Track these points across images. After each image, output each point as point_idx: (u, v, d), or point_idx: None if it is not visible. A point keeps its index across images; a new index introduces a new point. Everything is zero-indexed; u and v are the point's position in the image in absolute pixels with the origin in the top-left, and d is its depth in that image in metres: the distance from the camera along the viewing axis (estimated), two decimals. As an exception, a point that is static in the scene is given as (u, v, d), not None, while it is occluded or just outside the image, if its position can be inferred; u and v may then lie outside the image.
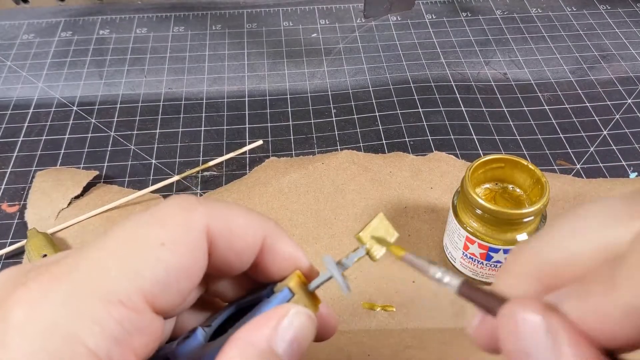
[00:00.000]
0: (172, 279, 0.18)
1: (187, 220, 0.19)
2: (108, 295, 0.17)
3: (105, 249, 0.18)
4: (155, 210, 0.19)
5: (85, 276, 0.17)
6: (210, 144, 0.50)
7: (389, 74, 0.57)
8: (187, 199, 0.20)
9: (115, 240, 0.18)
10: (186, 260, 0.18)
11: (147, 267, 0.18)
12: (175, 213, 0.19)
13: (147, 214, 0.19)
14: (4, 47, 0.61)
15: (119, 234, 0.18)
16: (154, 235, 0.18)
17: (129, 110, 0.53)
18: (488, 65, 0.58)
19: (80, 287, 0.17)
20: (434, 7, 0.67)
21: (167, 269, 0.18)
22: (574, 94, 0.54)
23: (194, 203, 0.19)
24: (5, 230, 0.43)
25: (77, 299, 0.17)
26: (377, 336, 0.35)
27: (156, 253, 0.18)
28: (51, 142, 0.50)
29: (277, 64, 0.59)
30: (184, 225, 0.19)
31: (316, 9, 0.67)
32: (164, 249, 0.18)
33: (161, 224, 0.18)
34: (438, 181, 0.45)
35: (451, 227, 0.37)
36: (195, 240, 0.19)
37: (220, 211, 0.20)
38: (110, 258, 0.18)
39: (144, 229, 0.18)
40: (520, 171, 0.37)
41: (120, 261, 0.17)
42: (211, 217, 0.19)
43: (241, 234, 0.20)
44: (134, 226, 0.18)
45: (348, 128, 0.51)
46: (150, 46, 0.61)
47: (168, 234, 0.18)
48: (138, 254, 0.18)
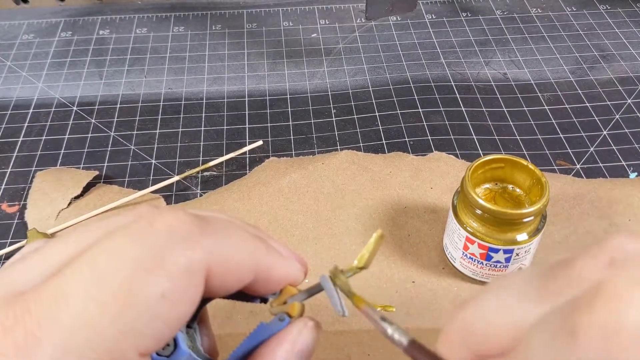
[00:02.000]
0: (169, 330, 0.17)
1: (190, 262, 0.17)
2: (103, 358, 0.15)
3: (96, 299, 0.15)
4: (152, 244, 0.17)
5: (75, 338, 0.15)
6: (210, 144, 0.50)
7: (389, 74, 0.57)
8: (184, 224, 0.18)
9: (109, 288, 0.16)
10: (185, 309, 0.17)
11: (145, 323, 0.16)
12: (176, 252, 0.17)
13: (145, 250, 0.16)
14: (4, 47, 0.61)
15: (111, 279, 0.16)
16: (153, 284, 0.16)
17: (129, 110, 0.53)
18: (488, 66, 0.58)
19: (69, 349, 0.15)
20: (434, 7, 0.67)
21: (165, 322, 0.16)
22: (574, 94, 0.54)
23: (196, 235, 0.17)
24: (5, 231, 0.43)
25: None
26: (377, 336, 0.35)
27: (156, 307, 0.16)
28: (51, 142, 0.50)
29: (277, 64, 0.59)
30: (186, 271, 0.17)
31: (316, 9, 0.67)
32: (164, 302, 0.16)
33: (161, 270, 0.16)
34: (438, 181, 0.45)
35: (451, 227, 0.37)
36: (196, 286, 0.17)
37: (219, 246, 0.18)
38: (104, 312, 0.15)
39: (146, 276, 0.16)
40: (520, 171, 0.37)
41: (116, 316, 0.15)
42: (211, 254, 0.18)
43: (236, 269, 0.19)
44: (132, 271, 0.16)
45: (348, 128, 0.51)
46: (150, 46, 0.61)
47: (169, 283, 0.16)
48: (136, 307, 0.16)
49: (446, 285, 0.38)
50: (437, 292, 0.38)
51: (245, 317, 0.36)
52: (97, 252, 0.16)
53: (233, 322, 0.36)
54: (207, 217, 0.19)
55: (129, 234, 0.17)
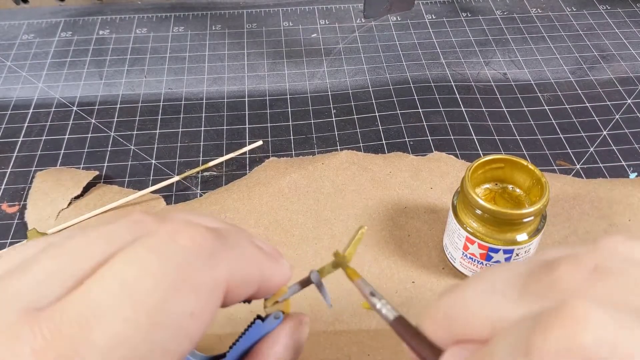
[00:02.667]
0: (191, 346, 0.17)
1: (216, 281, 0.17)
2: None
3: (128, 318, 0.15)
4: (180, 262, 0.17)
5: (109, 356, 0.15)
6: (210, 144, 0.50)
7: (389, 74, 0.57)
8: (206, 240, 0.18)
9: (142, 307, 0.16)
10: (207, 325, 0.17)
11: (175, 342, 0.16)
12: (204, 271, 0.17)
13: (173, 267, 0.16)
14: (4, 47, 0.61)
15: (145, 298, 0.16)
16: (184, 304, 0.16)
17: (129, 110, 0.53)
18: (488, 66, 0.58)
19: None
20: (433, 8, 0.67)
21: (191, 338, 0.17)
22: (574, 94, 0.54)
23: (219, 252, 0.18)
24: (5, 231, 0.43)
25: None
26: (377, 336, 0.35)
27: (185, 326, 0.16)
28: (51, 142, 0.50)
29: (277, 64, 0.59)
30: (211, 290, 0.17)
31: (316, 9, 0.67)
32: (192, 321, 0.16)
33: (191, 289, 0.17)
34: (438, 181, 0.45)
35: (451, 227, 0.37)
36: (217, 303, 0.18)
37: (236, 262, 0.19)
38: (138, 332, 0.15)
39: (175, 296, 0.16)
40: (520, 171, 0.37)
41: (149, 335, 0.16)
42: (230, 271, 0.18)
43: (247, 282, 0.19)
44: (164, 290, 0.16)
45: (348, 128, 0.51)
46: (150, 46, 0.61)
47: (198, 302, 0.17)
48: (168, 327, 0.16)
49: (446, 286, 0.38)
50: (437, 292, 0.38)
51: (245, 317, 0.36)
52: (124, 267, 0.16)
53: (233, 322, 0.36)
54: (224, 231, 0.19)
55: (155, 249, 0.17)
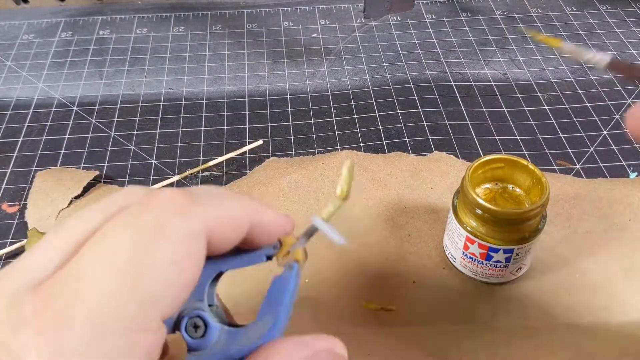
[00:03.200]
0: (182, 294, 0.18)
1: (188, 228, 0.18)
2: (130, 328, 0.17)
3: (112, 275, 0.17)
4: (151, 219, 0.18)
5: (99, 311, 0.16)
6: (210, 144, 0.50)
7: (389, 74, 0.57)
8: (176, 198, 0.19)
9: (121, 262, 0.17)
10: (193, 272, 0.19)
11: (160, 290, 0.17)
12: (174, 221, 0.18)
13: (148, 224, 0.18)
14: (4, 47, 0.61)
15: (122, 254, 0.17)
16: (160, 252, 0.18)
17: (129, 110, 0.53)
18: (488, 65, 0.58)
19: (97, 327, 0.16)
20: (434, 7, 0.67)
21: (178, 285, 0.18)
22: (574, 94, 0.54)
23: (188, 205, 0.19)
24: (5, 230, 0.43)
25: (97, 344, 0.16)
26: (378, 336, 0.35)
27: (166, 273, 0.17)
28: (51, 142, 0.50)
29: (277, 64, 0.59)
30: (187, 237, 0.18)
31: (316, 9, 0.67)
32: (173, 268, 0.18)
33: (164, 239, 0.18)
34: (438, 181, 0.45)
35: (451, 227, 0.37)
36: (199, 250, 0.19)
37: (212, 209, 0.20)
38: (122, 285, 0.17)
39: (151, 247, 0.17)
40: (520, 171, 0.37)
41: (133, 287, 0.17)
42: (207, 218, 0.19)
43: (232, 224, 0.20)
44: (140, 244, 0.17)
45: (348, 128, 0.51)
46: (150, 46, 0.61)
47: (174, 250, 0.18)
48: (148, 276, 0.17)
49: (446, 285, 0.38)
50: (437, 292, 0.38)
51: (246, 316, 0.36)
52: (105, 233, 0.18)
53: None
54: (195, 189, 0.21)
55: (129, 215, 0.18)
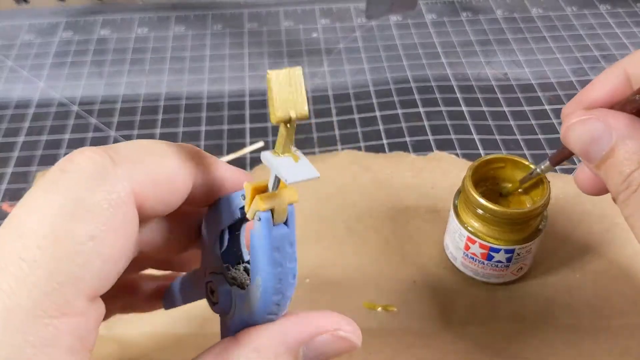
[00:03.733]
0: (110, 266, 0.17)
1: (110, 196, 0.16)
2: (49, 314, 0.15)
3: (23, 257, 0.15)
4: (67, 189, 0.16)
5: (15, 296, 0.15)
6: (210, 144, 0.50)
7: (390, 74, 0.57)
8: (94, 159, 0.17)
9: (33, 242, 0.15)
10: (121, 241, 0.17)
11: (82, 267, 0.16)
12: (93, 190, 0.16)
13: (61, 197, 0.16)
14: (5, 48, 0.61)
15: (34, 233, 0.16)
16: (78, 228, 0.16)
17: (129, 110, 0.53)
18: (489, 65, 0.58)
19: (10, 314, 0.15)
20: (434, 7, 0.67)
21: (104, 260, 0.16)
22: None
23: (109, 167, 0.17)
24: (6, 230, 0.43)
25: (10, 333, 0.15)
26: (379, 336, 0.35)
27: (87, 249, 0.16)
28: (52, 142, 0.50)
29: (277, 63, 0.59)
30: (109, 207, 0.16)
31: (317, 9, 0.67)
32: (96, 242, 0.16)
33: (83, 212, 0.16)
34: (439, 181, 0.45)
35: (452, 227, 0.37)
36: (126, 217, 0.17)
37: (139, 168, 0.18)
38: (36, 267, 0.15)
39: (68, 224, 0.16)
40: (522, 171, 0.36)
41: (48, 268, 0.15)
42: (132, 180, 0.17)
43: (168, 187, 0.18)
44: (53, 220, 0.16)
45: (349, 128, 0.51)
46: (151, 46, 0.61)
47: (95, 224, 0.16)
48: (66, 255, 0.16)
49: (447, 285, 0.38)
50: (437, 292, 0.38)
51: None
52: (16, 212, 0.16)
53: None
54: (118, 146, 0.18)
55: (44, 185, 0.17)
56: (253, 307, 0.19)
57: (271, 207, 0.18)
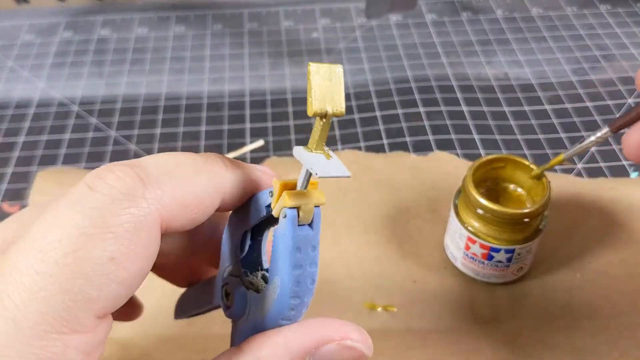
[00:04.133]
0: (125, 289, 0.16)
1: (136, 219, 0.16)
2: (59, 330, 0.15)
3: (41, 272, 0.15)
4: (93, 208, 0.16)
5: (25, 308, 0.15)
6: (210, 144, 0.50)
7: (390, 74, 0.57)
8: (124, 180, 0.17)
9: (52, 259, 0.15)
10: (139, 264, 0.17)
11: (97, 288, 0.16)
12: (120, 212, 0.16)
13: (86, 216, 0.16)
14: (6, 48, 0.61)
15: (54, 250, 0.15)
16: (99, 249, 0.16)
17: (129, 110, 0.53)
18: (489, 65, 0.58)
19: (20, 328, 0.15)
20: (434, 7, 0.67)
21: (119, 282, 0.16)
22: (575, 94, 0.54)
23: (138, 189, 0.17)
24: (6, 230, 0.43)
25: (20, 346, 0.15)
26: (379, 336, 0.35)
27: (105, 270, 0.16)
28: (52, 142, 0.50)
29: (277, 63, 0.59)
30: (133, 229, 0.16)
31: (317, 9, 0.67)
32: (114, 264, 0.16)
33: (106, 233, 0.16)
34: (439, 181, 0.45)
35: (452, 227, 0.37)
36: (148, 241, 0.17)
37: (167, 191, 0.17)
38: (52, 283, 0.15)
39: (89, 244, 0.16)
40: (522, 171, 0.36)
41: (63, 285, 0.15)
42: (160, 203, 0.17)
43: (196, 202, 0.18)
44: (75, 239, 0.16)
45: (349, 127, 0.51)
46: (151, 46, 0.61)
47: (116, 245, 0.16)
48: (83, 274, 0.15)
49: (447, 285, 0.38)
50: (438, 292, 0.38)
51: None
52: (39, 225, 0.16)
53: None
54: (147, 164, 0.18)
55: (69, 202, 0.16)
56: (268, 309, 0.18)
57: (298, 205, 0.18)
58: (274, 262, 0.18)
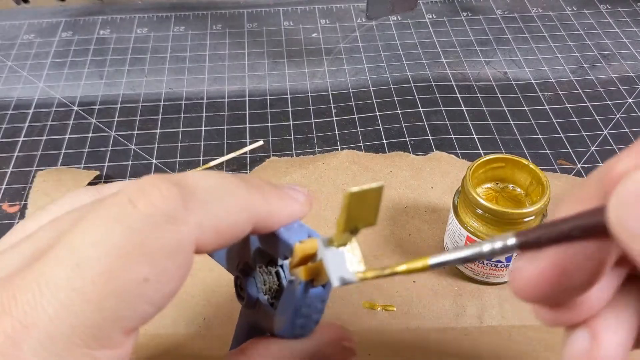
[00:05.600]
0: (154, 309, 0.17)
1: (175, 243, 0.16)
2: (90, 345, 0.16)
3: (77, 286, 0.15)
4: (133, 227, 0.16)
5: (57, 324, 0.15)
6: (210, 144, 0.50)
7: (390, 74, 0.57)
8: (167, 200, 0.17)
9: (89, 276, 0.16)
10: (171, 286, 0.17)
11: (129, 308, 0.16)
12: (160, 235, 0.16)
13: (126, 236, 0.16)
14: (5, 47, 0.61)
15: (92, 267, 0.16)
16: (135, 270, 0.16)
17: (129, 110, 0.53)
18: (488, 65, 0.58)
19: (53, 340, 0.15)
20: (434, 7, 0.67)
21: (151, 303, 0.16)
22: (575, 94, 0.54)
23: (180, 212, 0.17)
24: (5, 230, 0.43)
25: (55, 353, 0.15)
26: (378, 336, 0.35)
27: (139, 291, 0.16)
28: (52, 142, 0.50)
29: (277, 63, 0.59)
30: (171, 253, 0.16)
31: (316, 9, 0.67)
32: (148, 285, 0.16)
33: (143, 255, 0.16)
34: (439, 181, 0.45)
35: (452, 226, 0.37)
36: (182, 264, 0.17)
37: (208, 215, 0.17)
38: (87, 300, 0.15)
39: (127, 264, 0.16)
40: (521, 171, 0.36)
41: (98, 303, 0.15)
42: (200, 227, 0.17)
43: (229, 228, 0.18)
44: (113, 259, 0.16)
45: (348, 128, 0.51)
46: (151, 46, 0.61)
47: (152, 267, 0.16)
48: (117, 293, 0.16)
49: (447, 285, 0.38)
50: (437, 292, 0.38)
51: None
52: (77, 237, 0.16)
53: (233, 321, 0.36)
54: (192, 184, 0.18)
55: (110, 216, 0.16)
56: (276, 328, 0.20)
57: (313, 277, 0.19)
58: (283, 305, 0.20)
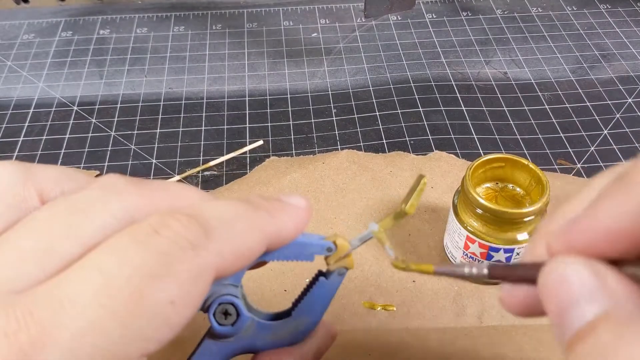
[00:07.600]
0: (172, 333, 0.17)
1: (198, 268, 0.17)
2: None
3: (101, 305, 0.15)
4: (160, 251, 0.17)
5: (81, 340, 0.15)
6: (210, 144, 0.50)
7: (390, 74, 0.57)
8: (192, 230, 0.17)
9: (119, 296, 0.16)
10: (191, 311, 0.17)
11: (153, 329, 0.16)
12: (185, 259, 0.17)
13: (154, 259, 0.16)
14: (5, 47, 0.61)
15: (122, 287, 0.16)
16: (163, 292, 0.16)
17: (129, 110, 0.53)
18: (488, 65, 0.58)
19: (76, 354, 0.15)
20: (434, 7, 0.67)
21: (172, 327, 0.17)
22: (575, 94, 0.54)
23: (202, 240, 0.17)
24: (5, 230, 0.43)
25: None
26: (378, 336, 0.35)
27: (164, 314, 0.16)
28: (51, 142, 0.50)
29: (277, 63, 0.59)
30: (195, 278, 0.17)
31: (316, 9, 0.67)
32: (173, 309, 0.16)
33: (170, 278, 0.16)
34: (438, 181, 0.45)
35: (452, 226, 0.37)
36: (203, 289, 0.18)
37: (227, 244, 0.18)
38: (114, 319, 0.16)
39: (152, 283, 0.16)
40: (521, 170, 0.37)
41: (125, 323, 0.16)
42: (219, 257, 0.18)
43: (244, 253, 0.19)
44: (142, 280, 0.16)
45: (348, 127, 0.51)
46: (151, 46, 0.61)
47: (178, 290, 0.17)
48: (145, 315, 0.16)
49: (446, 285, 0.38)
50: (437, 292, 0.38)
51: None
52: (105, 257, 0.16)
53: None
54: (210, 212, 0.19)
55: (137, 240, 0.17)
56: (279, 338, 0.22)
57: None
58: (311, 304, 0.22)
